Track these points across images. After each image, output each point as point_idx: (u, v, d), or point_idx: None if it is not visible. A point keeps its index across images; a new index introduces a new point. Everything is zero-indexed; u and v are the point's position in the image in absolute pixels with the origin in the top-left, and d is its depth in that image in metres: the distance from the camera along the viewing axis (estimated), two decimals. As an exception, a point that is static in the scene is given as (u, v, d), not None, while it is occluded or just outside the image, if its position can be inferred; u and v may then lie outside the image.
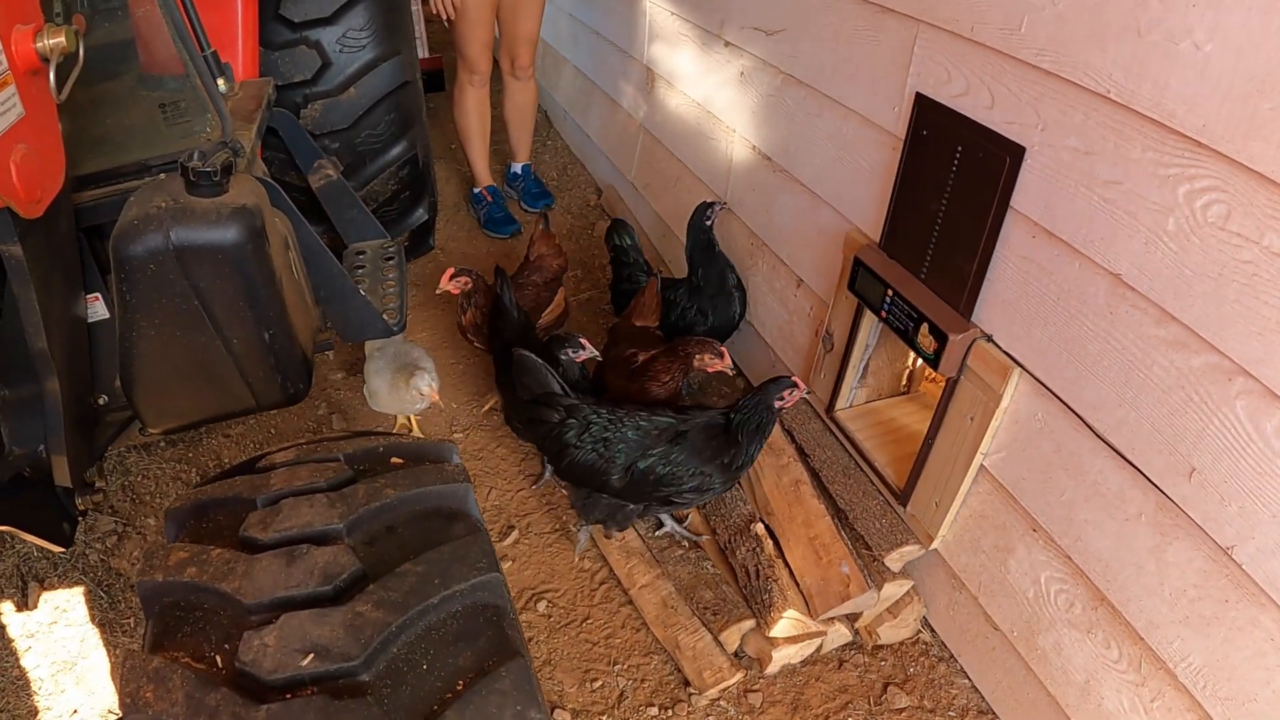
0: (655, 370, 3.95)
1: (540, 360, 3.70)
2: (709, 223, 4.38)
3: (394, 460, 2.43)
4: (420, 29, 7.41)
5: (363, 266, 4.26)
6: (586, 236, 6.45)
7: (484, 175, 6.51)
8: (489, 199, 6.50)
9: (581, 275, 6.02)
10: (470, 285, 4.49)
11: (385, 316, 3.88)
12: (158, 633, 2.01)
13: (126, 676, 1.85)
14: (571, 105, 7.54)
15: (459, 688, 1.84)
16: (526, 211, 6.75)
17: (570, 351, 3.87)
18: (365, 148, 5.13)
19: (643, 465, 3.46)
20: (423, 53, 7.47)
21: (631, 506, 3.62)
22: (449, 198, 6.89)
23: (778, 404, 3.41)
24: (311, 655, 1.80)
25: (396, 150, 5.23)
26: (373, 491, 2.20)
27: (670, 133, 5.51)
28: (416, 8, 7.19)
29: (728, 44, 4.52)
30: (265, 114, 3.78)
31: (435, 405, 4.25)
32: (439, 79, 8.21)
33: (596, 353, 3.92)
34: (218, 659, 1.89)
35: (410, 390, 4.00)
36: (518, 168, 6.87)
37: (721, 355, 3.87)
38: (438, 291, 4.42)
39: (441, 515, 2.25)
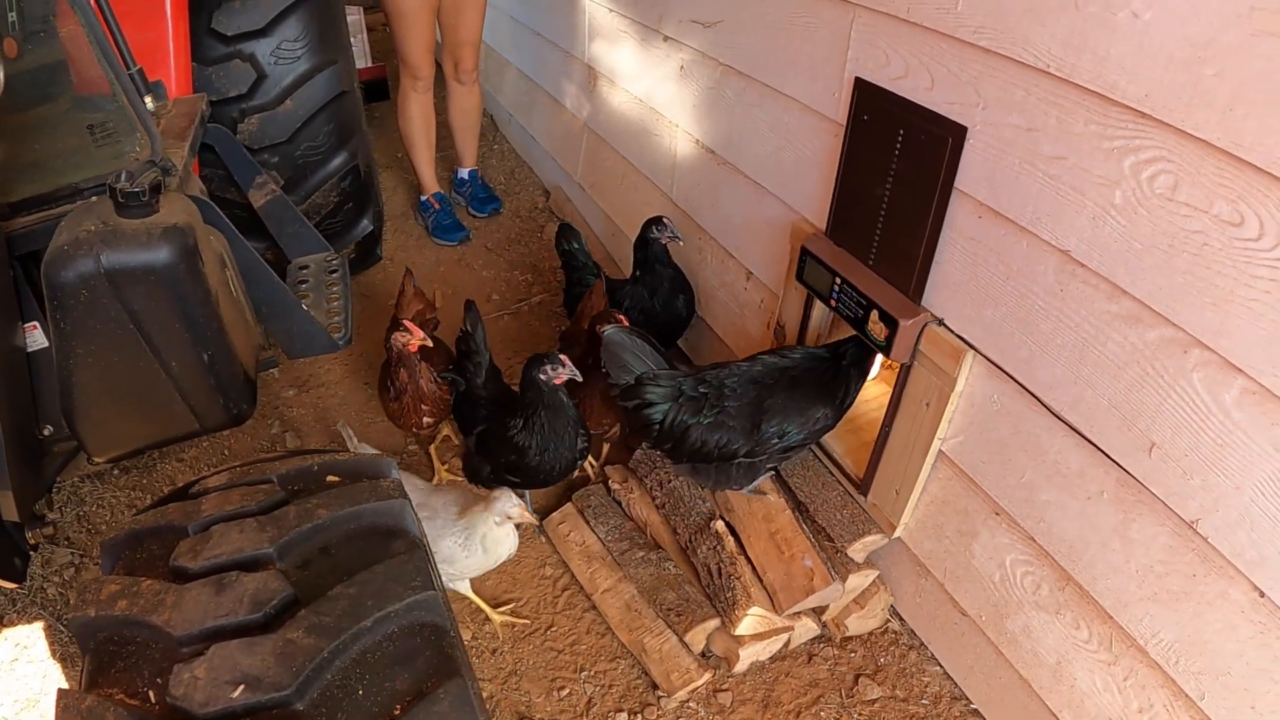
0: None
1: (636, 330, 3.44)
2: (653, 236, 4.25)
3: (330, 479, 2.33)
4: (363, 37, 7.32)
5: (306, 281, 4.18)
6: (536, 240, 6.35)
7: (430, 182, 6.39)
8: (436, 206, 6.38)
9: (532, 279, 5.92)
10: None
11: (330, 331, 3.80)
12: (93, 669, 1.93)
13: (60, 717, 1.76)
14: (516, 108, 7.44)
15: (396, 712, 1.77)
16: (474, 217, 6.64)
17: (549, 369, 3.44)
18: (305, 160, 5.01)
19: (768, 418, 3.29)
20: (365, 61, 7.39)
21: (758, 461, 3.43)
22: (396, 207, 6.77)
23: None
24: (243, 686, 1.72)
25: (337, 161, 5.12)
26: (304, 512, 2.11)
27: (614, 131, 5.42)
28: (356, 16, 7.11)
29: (667, 38, 4.44)
30: (199, 130, 3.69)
31: (529, 525, 3.91)
32: (382, 88, 8.08)
33: (577, 373, 3.48)
34: (150, 694, 1.80)
35: (491, 524, 3.39)
36: (464, 173, 6.75)
37: (562, 363, 3.48)
38: (413, 350, 3.82)
39: (377, 533, 2.16)
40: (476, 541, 3.40)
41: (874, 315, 3.05)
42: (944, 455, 3.12)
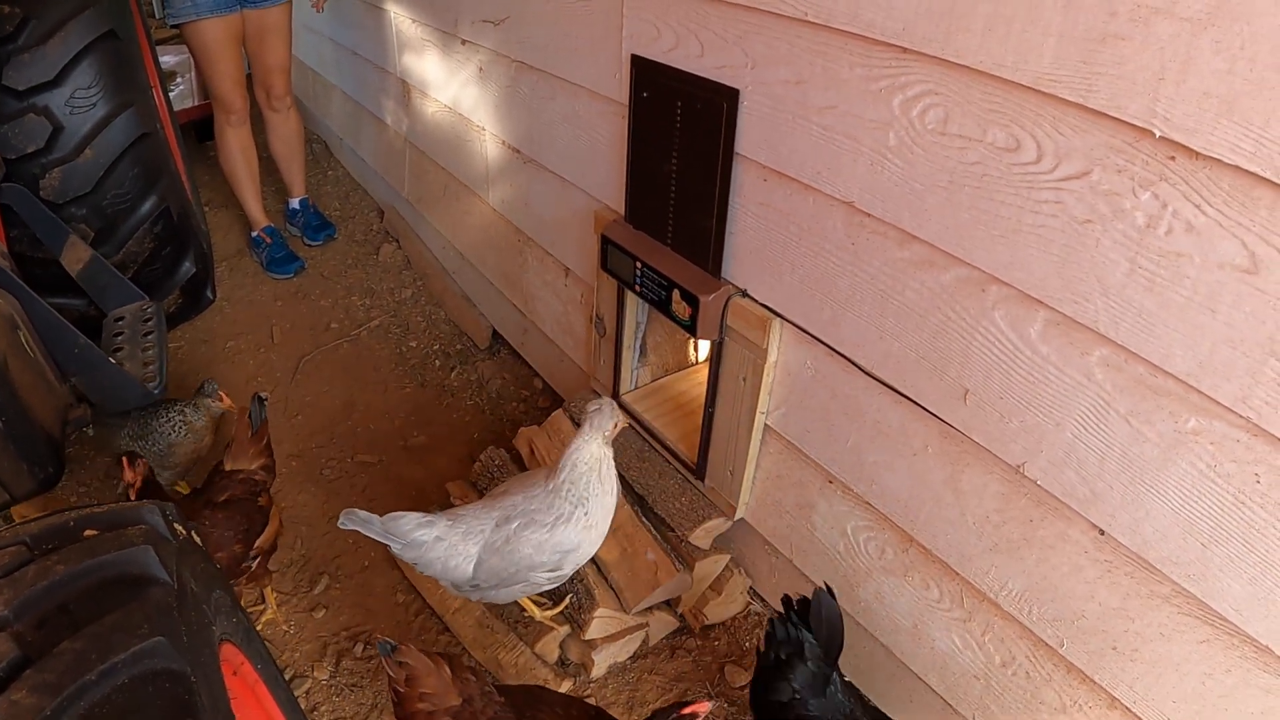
0: None
1: None
2: None
3: (87, 533, 2.11)
4: (191, 75, 7.01)
5: (122, 333, 3.94)
6: (372, 262, 6.09)
7: (259, 217, 6.08)
8: (268, 240, 6.05)
9: (370, 303, 5.64)
10: (144, 471, 3.29)
11: (144, 381, 3.56)
12: None
13: None
14: (345, 130, 7.18)
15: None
16: (309, 246, 6.33)
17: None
18: (114, 209, 4.70)
19: None
20: (194, 100, 7.07)
21: None
22: (233, 244, 6.41)
23: None
24: (-35, 751, 1.50)
25: (147, 206, 4.80)
26: (42, 570, 1.89)
27: (432, 142, 5.21)
28: (179, 57, 6.80)
29: (464, 42, 4.25)
30: (-12, 193, 3.46)
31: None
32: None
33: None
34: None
35: (601, 448, 2.82)
36: (295, 203, 6.42)
37: None
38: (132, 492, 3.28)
39: (122, 583, 1.95)
40: (596, 482, 2.82)
41: (675, 295, 2.89)
42: (770, 429, 2.97)
